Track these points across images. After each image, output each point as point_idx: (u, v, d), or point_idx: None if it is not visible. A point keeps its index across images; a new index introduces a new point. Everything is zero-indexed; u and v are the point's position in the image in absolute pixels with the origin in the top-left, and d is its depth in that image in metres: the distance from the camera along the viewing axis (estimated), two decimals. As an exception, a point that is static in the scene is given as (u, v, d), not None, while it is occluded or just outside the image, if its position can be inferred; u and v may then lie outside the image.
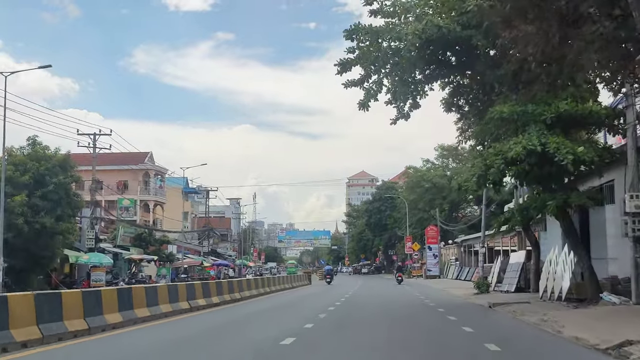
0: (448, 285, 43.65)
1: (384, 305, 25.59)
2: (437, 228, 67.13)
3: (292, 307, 24.55)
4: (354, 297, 32.31)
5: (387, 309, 23.31)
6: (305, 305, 25.89)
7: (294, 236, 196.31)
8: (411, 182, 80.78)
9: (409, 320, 18.77)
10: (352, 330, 15.53)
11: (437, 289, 40.92)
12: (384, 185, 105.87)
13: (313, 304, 26.33)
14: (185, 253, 66.50)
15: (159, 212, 75.23)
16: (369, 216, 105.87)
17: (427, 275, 66.06)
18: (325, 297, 32.27)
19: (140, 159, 71.01)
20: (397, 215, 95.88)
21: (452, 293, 33.60)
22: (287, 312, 22.29)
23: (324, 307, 22.76)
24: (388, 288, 45.85)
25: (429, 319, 19.04)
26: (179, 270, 51.64)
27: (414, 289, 42.28)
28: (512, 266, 29.67)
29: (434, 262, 65.92)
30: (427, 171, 78.51)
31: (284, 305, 25.74)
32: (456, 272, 59.47)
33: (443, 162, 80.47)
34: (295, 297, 32.08)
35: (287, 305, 26.06)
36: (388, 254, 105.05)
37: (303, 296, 33.47)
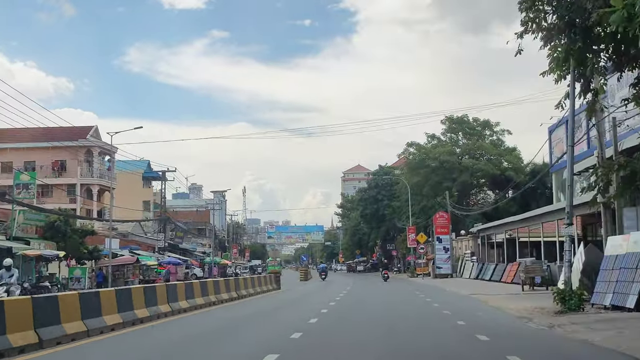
0: (475, 290, 30.54)
1: (388, 337, 12.53)
2: (448, 215, 53.97)
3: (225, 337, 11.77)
4: (338, 311, 19.47)
5: (396, 346, 10.35)
6: (241, 334, 12.90)
7: (284, 232, 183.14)
8: (413, 162, 67.53)
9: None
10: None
11: (462, 296, 27.81)
12: (380, 171, 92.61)
13: (263, 328, 13.52)
14: (133, 248, 53.24)
15: (107, 198, 61.94)
16: (364, 206, 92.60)
17: (436, 273, 52.92)
18: (291, 314, 19.33)
19: (81, 134, 57.70)
20: (396, 204, 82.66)
21: (501, 307, 20.33)
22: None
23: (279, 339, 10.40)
24: (387, 292, 32.88)
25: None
26: (107, 271, 38.36)
27: (426, 294, 29.47)
28: (619, 260, 16.01)
29: (445, 258, 52.81)
30: (433, 148, 65.27)
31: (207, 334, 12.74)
32: (475, 270, 46.29)
33: (452, 137, 67.23)
34: (237, 316, 19.04)
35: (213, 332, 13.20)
36: (387, 249, 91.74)
37: (252, 314, 20.38)
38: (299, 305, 23.00)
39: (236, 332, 13.95)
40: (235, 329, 14.56)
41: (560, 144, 51.04)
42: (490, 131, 66.10)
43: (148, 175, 74.53)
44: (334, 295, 28.86)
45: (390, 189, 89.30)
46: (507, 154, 63.79)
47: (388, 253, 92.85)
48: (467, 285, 36.47)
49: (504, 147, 65.06)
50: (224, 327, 15.44)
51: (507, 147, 65.06)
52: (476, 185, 68.66)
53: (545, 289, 27.62)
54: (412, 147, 67.09)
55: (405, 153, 67.53)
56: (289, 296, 28.42)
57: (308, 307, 22.09)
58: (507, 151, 64.34)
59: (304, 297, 27.55)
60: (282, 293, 28.41)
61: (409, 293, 31.51)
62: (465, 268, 50.64)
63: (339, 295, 28.83)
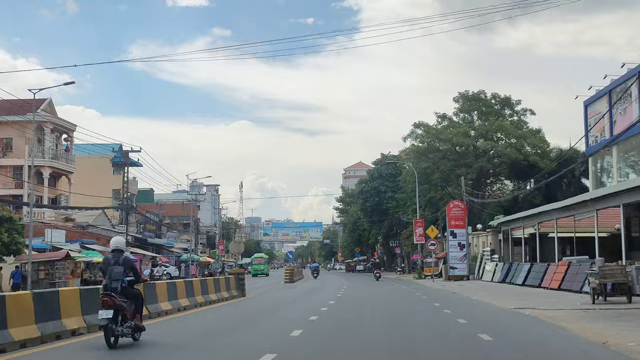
0: (518, 301, 21.52)
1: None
2: (464, 205, 44.96)
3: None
4: (312, 342, 11.21)
5: None
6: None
7: (281, 228, 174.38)
8: (421, 147, 58.50)
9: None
10: None
11: (506, 312, 18.58)
12: (383, 159, 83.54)
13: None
14: (86, 242, 44.45)
15: (67, 184, 53.24)
16: (365, 199, 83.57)
17: (449, 275, 43.94)
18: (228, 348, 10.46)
19: (31, 108, 48.61)
20: (400, 196, 73.69)
21: (593, 338, 11.36)
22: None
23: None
24: (392, 301, 24.18)
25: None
26: (22, 270, 29.45)
27: (446, 305, 20.65)
28: None
29: (460, 256, 43.79)
30: (444, 129, 56.28)
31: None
32: (500, 271, 37.34)
33: (465, 117, 58.17)
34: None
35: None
36: (389, 247, 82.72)
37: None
38: (250, 328, 14.09)
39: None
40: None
41: (600, 119, 42.17)
42: (510, 110, 57.09)
43: (119, 161, 65.62)
44: (319, 306, 20.12)
45: (393, 179, 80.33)
46: (531, 137, 54.78)
47: (391, 251, 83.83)
48: (499, 293, 27.50)
49: (526, 128, 56.06)
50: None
51: (531, 129, 56.07)
52: (493, 173, 59.68)
53: (628, 300, 18.72)
54: (419, 129, 58.04)
55: (412, 135, 58.55)
56: (246, 309, 19.20)
57: (266, 329, 13.36)
58: (531, 133, 55.34)
59: (268, 312, 18.67)
60: (240, 304, 19.17)
61: (422, 303, 22.62)
62: (486, 269, 41.69)
63: (324, 306, 20.05)
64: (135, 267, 12.43)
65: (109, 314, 10.73)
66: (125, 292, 11.24)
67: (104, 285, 11.46)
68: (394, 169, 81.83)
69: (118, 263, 11.45)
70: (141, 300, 11.86)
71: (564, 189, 56.00)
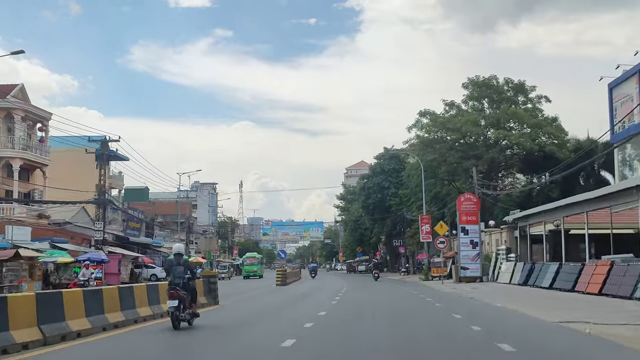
0: (563, 312, 16.99)
1: None
2: (476, 198, 40.43)
3: None
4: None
5: None
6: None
7: (280, 228, 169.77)
8: (426, 137, 54.01)
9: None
10: None
11: (560, 329, 14.05)
12: (386, 154, 79.04)
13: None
14: (56, 241, 40.07)
15: (42, 178, 48.82)
16: (367, 196, 79.07)
17: (460, 276, 39.42)
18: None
19: (2, 95, 44.29)
20: (404, 192, 69.20)
21: None
22: None
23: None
24: (400, 313, 19.81)
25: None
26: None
27: (471, 318, 16.25)
28: None
29: (473, 255, 39.24)
30: (452, 117, 51.82)
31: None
32: (520, 272, 32.85)
33: (474, 105, 53.63)
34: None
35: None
36: (392, 246, 78.16)
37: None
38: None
39: None
40: None
41: (628, 103, 37.69)
42: (524, 97, 52.58)
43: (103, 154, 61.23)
44: (304, 319, 15.64)
45: (396, 175, 75.88)
46: (547, 125, 50.27)
47: (394, 250, 79.27)
48: (525, 298, 23.00)
49: (542, 116, 51.56)
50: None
51: (546, 117, 51.55)
52: (505, 165, 55.16)
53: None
54: (425, 117, 53.52)
55: (417, 125, 53.98)
56: (197, 329, 14.42)
57: None
58: (547, 122, 50.84)
59: (231, 330, 14.05)
60: (201, 317, 14.56)
61: (439, 316, 18.09)
62: (502, 269, 37.17)
63: (310, 321, 15.49)
64: (192, 267, 14.99)
65: (175, 304, 13.31)
66: (185, 287, 13.81)
67: (169, 282, 13.98)
68: (397, 163, 77.42)
69: (179, 264, 14.20)
70: (195, 293, 14.64)
71: (582, 184, 51.63)
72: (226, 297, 25.68)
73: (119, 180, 63.84)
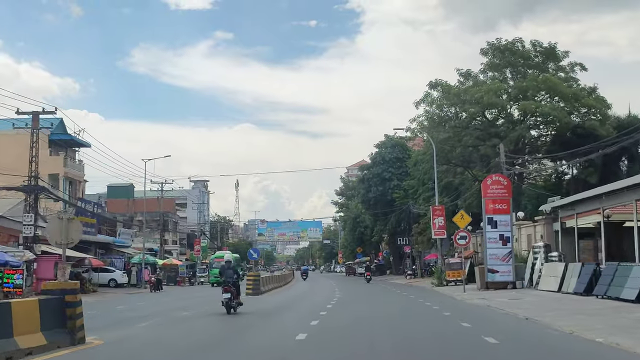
0: None
1: None
2: (507, 180, 31.28)
3: None
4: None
5: None
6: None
7: (277, 227, 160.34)
8: (437, 114, 45.08)
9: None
10: None
11: None
12: (388, 142, 70.04)
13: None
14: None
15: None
16: (366, 189, 70.04)
17: (486, 281, 30.34)
18: None
19: None
20: (409, 182, 60.33)
21: None
22: None
23: None
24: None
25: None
26: None
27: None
28: None
29: (504, 254, 30.02)
30: (471, 88, 42.92)
31: None
32: (579, 277, 23.75)
33: (494, 76, 44.59)
34: None
35: None
36: (396, 245, 69.00)
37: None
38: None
39: None
40: None
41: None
42: (555, 65, 43.64)
43: (59, 139, 52.42)
44: None
45: (400, 164, 67.05)
46: (585, 96, 41.37)
47: (398, 250, 70.20)
48: (627, 322, 14.02)
49: (578, 86, 42.65)
50: None
51: (583, 87, 42.65)
52: (530, 148, 46.05)
53: None
54: (436, 90, 44.54)
55: (426, 100, 44.95)
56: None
57: None
58: (584, 92, 41.95)
59: None
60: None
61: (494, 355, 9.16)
62: (544, 272, 28.14)
63: None
64: (238, 271, 22.10)
65: (228, 296, 19.32)
66: (233, 284, 19.90)
67: (224, 280, 20.24)
68: (400, 152, 68.52)
69: (229, 268, 20.71)
70: (239, 288, 20.61)
71: (625, 169, 42.83)
72: (128, 322, 17.04)
73: (78, 169, 54.94)
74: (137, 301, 32.33)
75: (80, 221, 42.39)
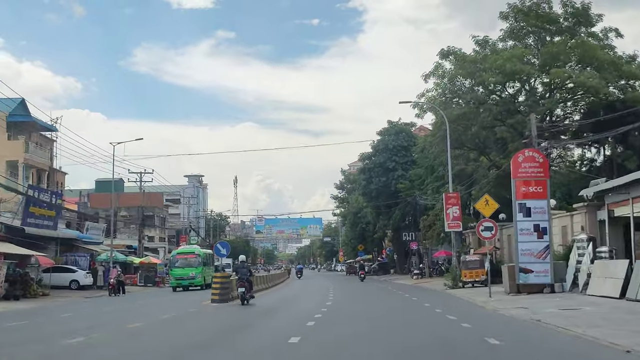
0: None
1: None
2: (543, 157, 24.97)
3: None
4: None
5: None
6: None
7: (275, 225, 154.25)
8: (449, 88, 38.86)
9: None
10: None
11: None
12: (392, 129, 63.80)
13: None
14: None
15: None
16: (368, 179, 63.84)
17: (518, 283, 24.07)
18: None
19: None
20: (416, 172, 54.28)
21: None
22: None
23: None
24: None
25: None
26: None
27: None
28: None
29: (540, 250, 23.75)
30: (490, 55, 36.70)
31: None
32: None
33: (515, 45, 38.18)
34: None
35: None
36: (401, 241, 62.74)
37: None
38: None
39: None
40: None
41: None
42: (587, 30, 37.31)
43: (18, 121, 46.33)
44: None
45: (405, 153, 60.93)
46: (624, 65, 35.10)
47: (403, 247, 63.95)
48: None
49: (614, 53, 36.34)
50: None
51: (620, 56, 36.38)
52: (560, 125, 39.55)
53: None
54: (448, 60, 38.28)
55: (437, 73, 38.68)
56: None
57: None
58: (622, 60, 35.69)
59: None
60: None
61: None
62: (596, 273, 21.90)
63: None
64: (250, 269, 26.21)
65: (243, 289, 22.84)
66: (247, 280, 23.30)
67: (239, 277, 23.55)
68: (405, 139, 62.36)
69: (244, 267, 23.93)
70: (251, 284, 24.44)
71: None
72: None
73: (41, 156, 48.75)
74: (85, 307, 26.35)
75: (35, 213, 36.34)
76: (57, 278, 37.84)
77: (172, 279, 41.99)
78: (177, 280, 41.03)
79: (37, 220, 37.20)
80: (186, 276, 40.77)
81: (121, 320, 18.17)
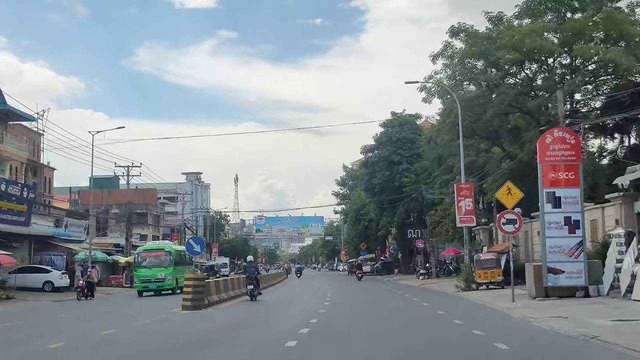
0: None
1: None
2: (576, 138, 21.41)
3: None
4: None
5: None
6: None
7: (276, 223, 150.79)
8: (459, 70, 35.20)
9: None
10: None
11: None
12: (396, 120, 60.21)
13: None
14: None
15: None
16: (370, 174, 60.24)
17: (546, 286, 20.46)
18: None
19: None
20: (422, 164, 50.71)
21: None
22: None
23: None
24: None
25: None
26: None
27: None
28: None
29: (572, 247, 20.27)
30: (506, 30, 33.05)
31: None
32: None
33: (533, 21, 34.50)
34: None
35: None
36: (406, 239, 59.06)
37: None
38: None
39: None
40: None
41: None
42: (611, 3, 33.61)
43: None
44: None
45: (410, 145, 57.33)
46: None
47: (408, 245, 60.33)
48: None
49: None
50: None
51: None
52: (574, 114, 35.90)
53: None
54: (458, 38, 34.63)
55: (446, 53, 35.09)
56: None
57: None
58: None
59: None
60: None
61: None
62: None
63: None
64: (258, 268, 29.37)
65: (252, 286, 25.59)
66: (255, 278, 26.11)
67: (247, 275, 26.61)
68: (410, 131, 58.79)
69: (252, 267, 26.98)
70: (259, 282, 27.29)
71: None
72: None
73: (16, 147, 45.24)
74: (43, 314, 22.89)
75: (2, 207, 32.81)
76: (28, 279, 34.48)
77: (137, 281, 35.60)
78: (142, 282, 34.70)
79: (4, 215, 33.71)
80: (154, 278, 34.45)
81: (40, 336, 14.57)
